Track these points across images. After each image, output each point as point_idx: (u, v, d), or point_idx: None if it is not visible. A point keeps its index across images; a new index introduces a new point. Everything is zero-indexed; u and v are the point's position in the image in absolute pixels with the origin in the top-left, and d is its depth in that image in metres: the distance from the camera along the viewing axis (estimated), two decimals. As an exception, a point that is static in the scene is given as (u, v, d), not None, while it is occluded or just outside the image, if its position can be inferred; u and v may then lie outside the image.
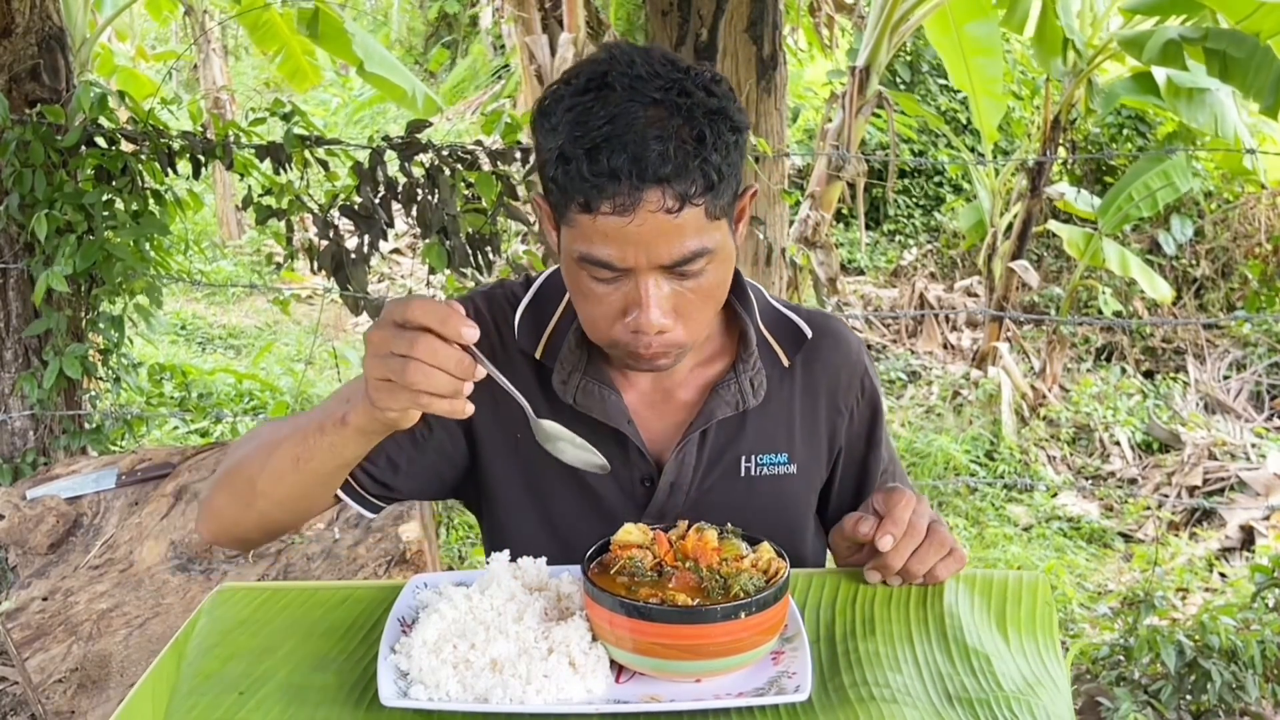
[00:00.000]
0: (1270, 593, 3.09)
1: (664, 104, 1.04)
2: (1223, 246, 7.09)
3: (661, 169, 1.03)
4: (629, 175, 1.03)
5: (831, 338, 1.32)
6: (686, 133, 1.04)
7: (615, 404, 1.25)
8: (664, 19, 3.40)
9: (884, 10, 5.52)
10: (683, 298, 1.11)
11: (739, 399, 1.26)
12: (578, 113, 1.05)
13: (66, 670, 2.20)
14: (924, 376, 6.36)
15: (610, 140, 1.03)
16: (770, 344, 1.30)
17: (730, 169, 1.08)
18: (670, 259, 1.07)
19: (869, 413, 1.34)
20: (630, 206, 1.04)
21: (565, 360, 1.25)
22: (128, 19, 8.86)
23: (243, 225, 8.74)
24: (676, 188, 1.04)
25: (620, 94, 1.05)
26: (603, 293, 1.11)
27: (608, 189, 1.04)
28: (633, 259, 1.07)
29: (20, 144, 3.06)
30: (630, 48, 1.10)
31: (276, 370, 6.15)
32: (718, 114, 1.06)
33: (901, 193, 8.20)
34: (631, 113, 1.04)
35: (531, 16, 7.08)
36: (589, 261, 1.09)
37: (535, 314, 1.29)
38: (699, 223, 1.07)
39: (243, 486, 1.19)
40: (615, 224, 1.05)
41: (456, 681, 0.95)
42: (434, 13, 12.23)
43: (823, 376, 1.31)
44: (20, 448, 3.36)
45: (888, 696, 0.96)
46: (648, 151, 1.02)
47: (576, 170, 1.04)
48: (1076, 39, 5.46)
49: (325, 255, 3.24)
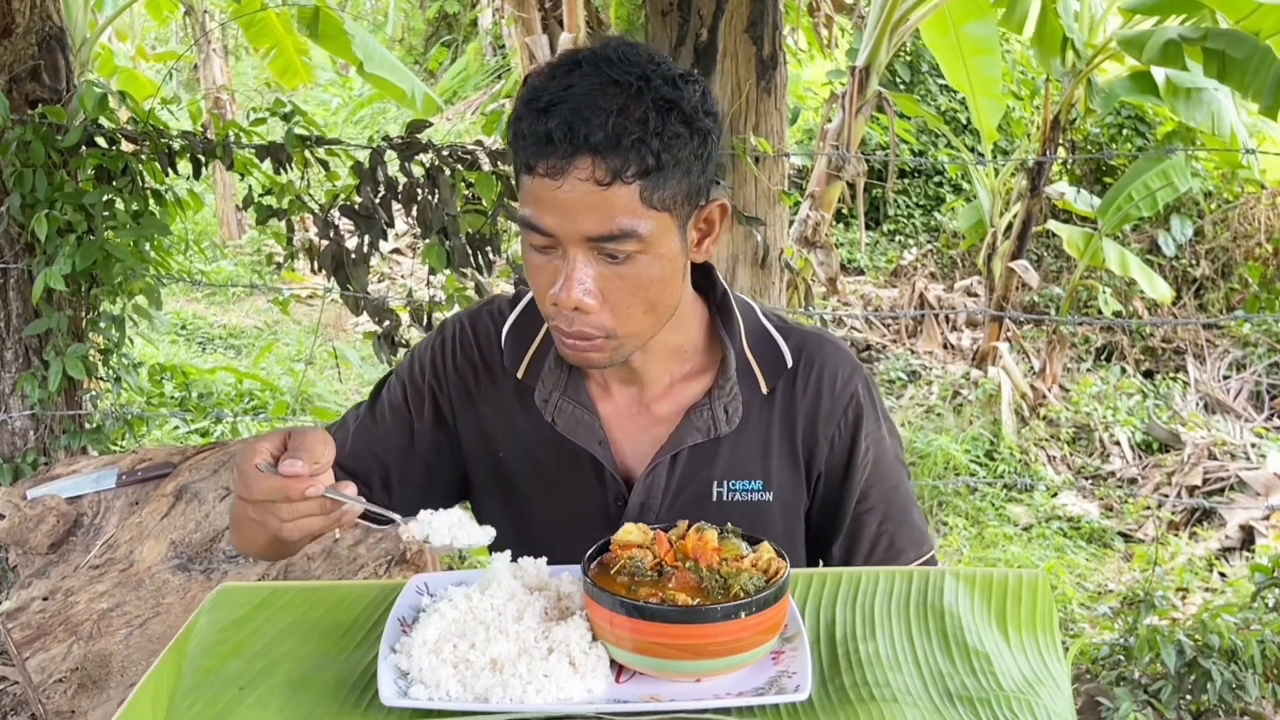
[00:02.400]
0: (1270, 592, 3.09)
1: (619, 84, 1.07)
2: (1222, 246, 7.09)
3: (593, 137, 1.04)
4: (562, 139, 1.05)
5: (818, 364, 1.29)
6: (632, 112, 1.06)
7: (589, 425, 1.26)
8: (664, 19, 3.40)
9: (883, 10, 5.52)
10: (610, 282, 1.12)
11: (711, 425, 1.25)
12: (542, 81, 1.09)
13: (67, 670, 2.20)
14: (924, 376, 6.36)
15: (555, 105, 1.06)
16: (752, 368, 1.28)
17: (675, 162, 1.08)
18: (594, 233, 1.08)
19: (849, 441, 1.30)
20: (561, 170, 1.06)
21: (546, 379, 1.27)
22: (128, 19, 8.85)
23: (243, 225, 8.74)
24: (608, 161, 1.05)
25: (584, 70, 1.08)
26: (539, 264, 1.13)
27: (543, 150, 1.06)
28: (559, 226, 1.09)
29: (20, 144, 3.06)
30: (621, 40, 1.12)
31: (277, 370, 6.16)
32: (670, 104, 1.08)
33: (901, 193, 8.20)
34: (585, 85, 1.06)
35: (531, 16, 7.09)
36: (525, 225, 1.12)
37: (520, 332, 1.31)
38: (631, 204, 1.08)
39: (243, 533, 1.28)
40: (547, 187, 1.07)
41: (456, 681, 0.95)
42: (433, 12, 12.23)
43: (802, 404, 1.28)
44: (20, 448, 3.36)
45: (888, 696, 0.96)
46: (585, 119, 1.05)
47: (522, 129, 1.08)
48: (1076, 39, 5.46)
49: (325, 255, 3.24)
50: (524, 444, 1.30)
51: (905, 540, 1.32)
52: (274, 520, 1.06)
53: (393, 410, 1.35)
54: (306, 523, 1.06)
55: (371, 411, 1.37)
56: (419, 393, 1.34)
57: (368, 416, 1.37)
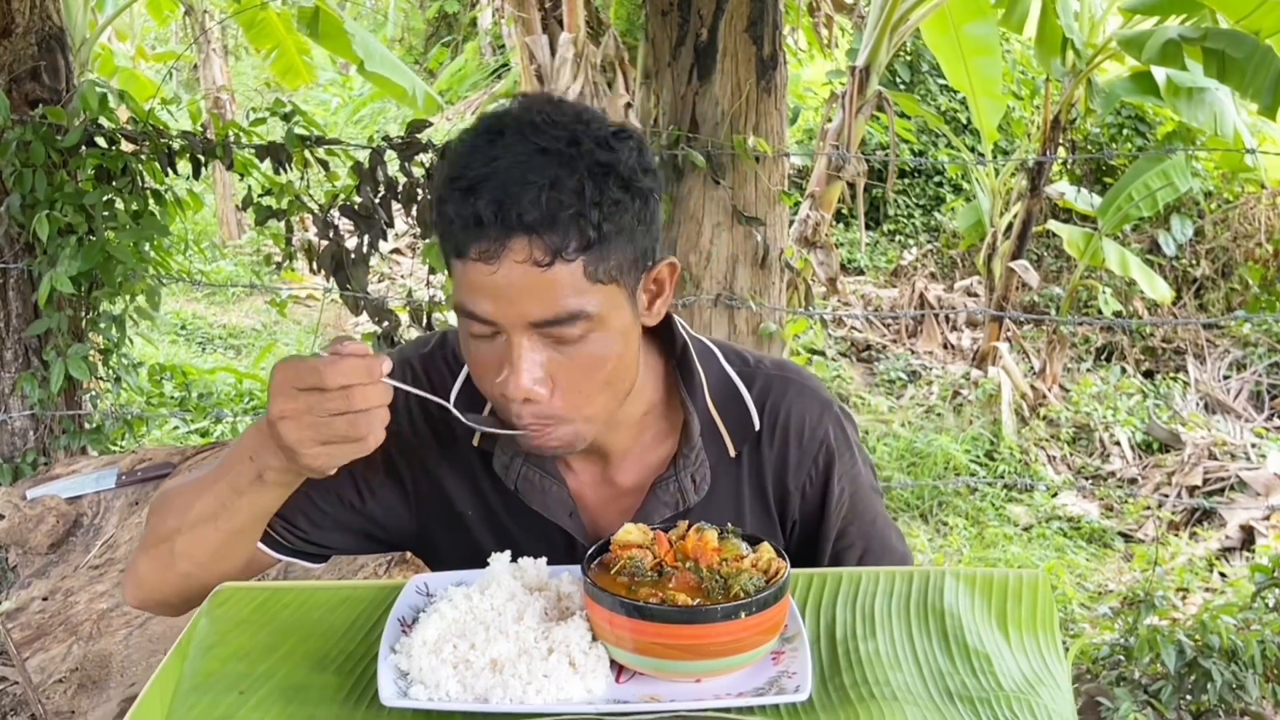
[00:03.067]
0: (1270, 592, 3.09)
1: (549, 152, 0.99)
2: (1223, 246, 7.09)
3: (527, 215, 0.97)
4: (494, 220, 0.97)
5: (783, 413, 1.21)
6: (565, 183, 0.98)
7: (557, 495, 1.19)
8: (664, 19, 3.40)
9: (884, 10, 5.52)
10: (561, 367, 1.04)
11: (679, 499, 1.18)
12: (462, 155, 1.01)
13: (67, 670, 2.20)
14: (924, 376, 6.36)
15: (482, 183, 0.98)
16: (718, 428, 1.20)
17: (617, 231, 1.01)
18: (539, 317, 1.00)
19: (821, 488, 1.24)
20: (495, 254, 0.98)
21: (505, 444, 1.16)
22: (128, 19, 8.84)
23: (243, 225, 8.73)
24: (546, 240, 0.98)
25: (509, 139, 1.00)
26: (482, 351, 1.05)
27: (474, 234, 0.98)
28: (500, 313, 1.01)
29: (20, 144, 3.06)
30: (544, 99, 1.05)
31: (276, 370, 6.14)
32: (605, 168, 1.00)
33: (901, 193, 8.20)
34: (512, 157, 0.99)
35: (531, 16, 7.08)
36: (463, 313, 1.04)
37: (472, 391, 1.17)
38: (576, 282, 1.00)
39: (163, 550, 1.16)
40: (482, 273, 0.99)
41: (456, 681, 0.95)
42: (433, 12, 12.23)
43: (770, 458, 1.22)
44: (20, 448, 3.36)
45: (888, 695, 0.96)
46: (516, 197, 0.97)
47: (449, 212, 1.00)
48: (1076, 39, 5.46)
49: (325, 255, 3.24)
50: (488, 507, 1.22)
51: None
52: (341, 423, 0.97)
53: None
54: (380, 414, 0.99)
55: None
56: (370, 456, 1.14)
57: None
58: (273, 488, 1.10)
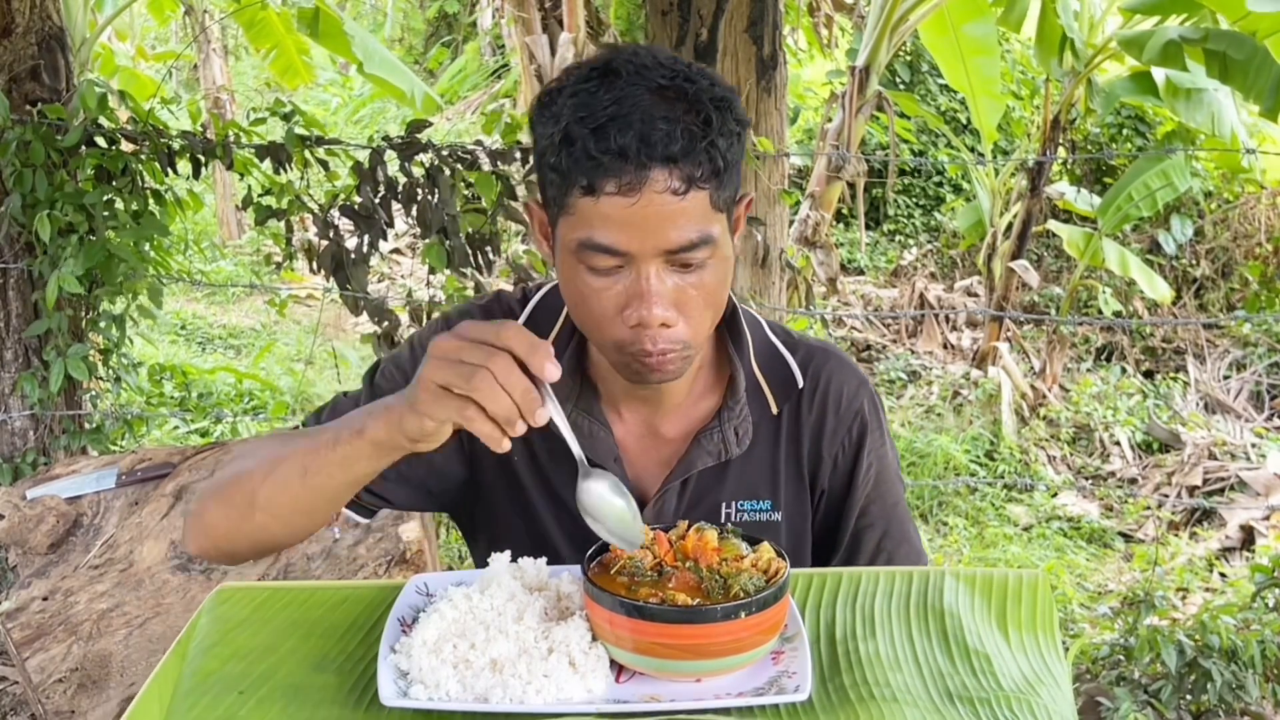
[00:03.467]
0: (1270, 593, 3.09)
1: (669, 89, 1.04)
2: (1223, 246, 7.09)
3: (669, 147, 1.01)
4: (636, 153, 1.01)
5: (824, 380, 1.27)
6: (693, 117, 1.03)
7: (604, 440, 1.22)
8: (664, 19, 3.40)
9: (883, 10, 5.52)
10: (685, 294, 1.08)
11: (721, 449, 1.23)
12: (583, 96, 1.04)
13: (66, 670, 2.20)
14: (924, 376, 6.36)
15: (617, 119, 1.01)
16: (761, 387, 1.26)
17: (734, 160, 1.07)
18: (674, 244, 1.04)
19: (852, 458, 1.28)
20: (636, 186, 1.02)
21: (557, 389, 1.20)
22: (128, 19, 8.84)
23: (243, 225, 8.73)
24: (683, 169, 1.02)
25: (625, 79, 1.04)
26: (601, 287, 1.08)
27: (613, 168, 1.02)
28: (636, 244, 1.04)
29: (20, 144, 3.06)
30: (633, 46, 1.10)
31: (276, 370, 6.16)
32: (723, 102, 1.06)
33: (901, 193, 8.21)
34: (637, 95, 1.02)
35: (531, 16, 7.09)
36: (589, 248, 1.06)
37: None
38: (704, 209, 1.05)
39: (242, 499, 1.15)
40: (619, 205, 1.03)
41: (456, 681, 0.95)
42: (433, 12, 12.23)
43: (808, 421, 1.27)
44: (20, 448, 3.36)
45: (888, 696, 0.96)
46: (655, 130, 1.01)
47: (582, 149, 1.02)
48: (1076, 39, 5.46)
49: (325, 255, 3.24)
50: (532, 452, 1.25)
51: (903, 559, 1.30)
52: (479, 376, 0.95)
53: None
54: (501, 395, 0.96)
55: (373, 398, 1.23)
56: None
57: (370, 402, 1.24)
58: (369, 446, 1.06)
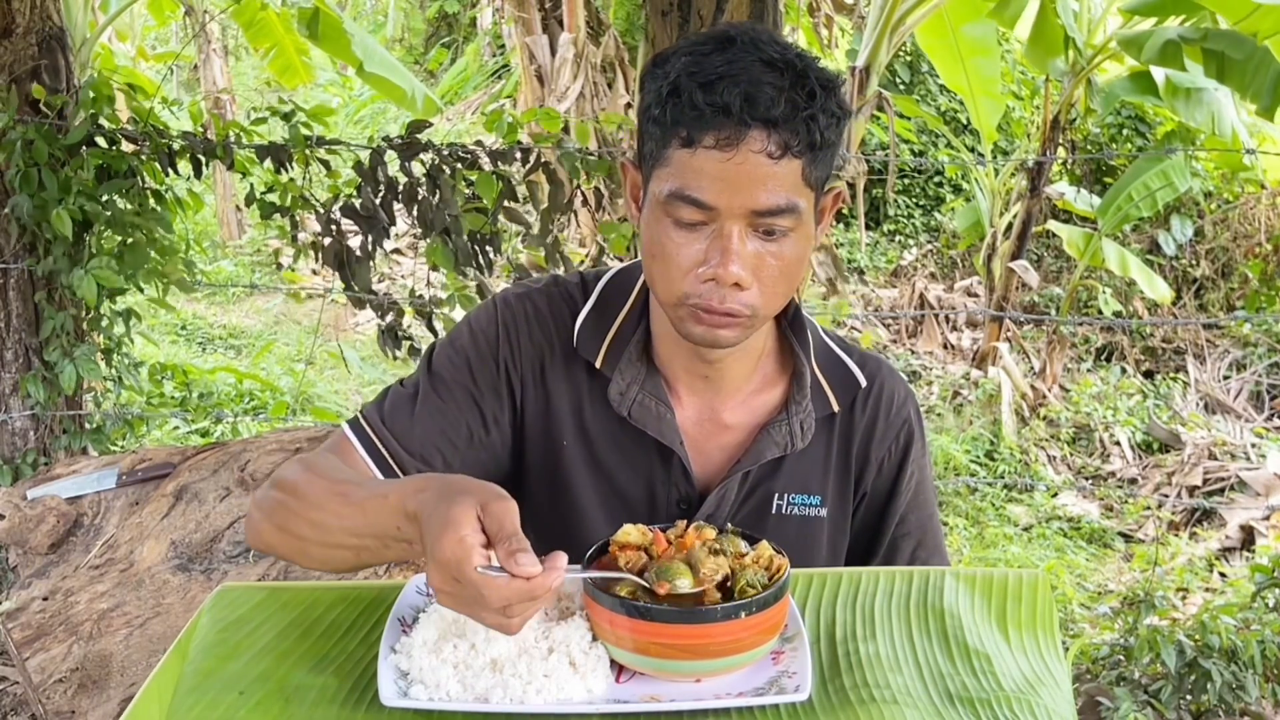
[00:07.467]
0: (1270, 593, 3.09)
1: (781, 62, 1.07)
2: (1223, 246, 7.10)
3: (771, 110, 1.04)
4: (740, 110, 1.04)
5: (878, 385, 1.30)
6: (798, 90, 1.06)
7: (670, 422, 1.23)
8: (664, 19, 3.39)
9: (883, 11, 5.52)
10: (763, 261, 1.10)
11: (788, 441, 1.24)
12: (696, 56, 1.08)
13: (67, 670, 2.20)
14: (924, 376, 6.36)
15: (725, 77, 1.05)
16: (822, 386, 1.28)
17: (831, 141, 1.09)
18: (762, 205, 1.06)
19: (897, 464, 1.31)
20: (734, 142, 1.04)
21: (624, 371, 1.23)
22: (128, 19, 8.84)
23: (243, 225, 8.74)
24: (781, 134, 1.05)
25: (739, 47, 1.07)
26: (683, 241, 1.10)
27: (714, 121, 1.05)
28: (725, 199, 1.06)
29: (24, 143, 3.06)
30: (751, 24, 1.13)
31: (277, 370, 6.16)
32: (829, 84, 1.08)
33: (901, 193, 8.21)
34: (748, 61, 1.06)
35: (531, 17, 7.09)
36: (679, 198, 1.08)
37: (597, 319, 1.26)
38: (795, 179, 1.07)
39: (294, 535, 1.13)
40: (714, 159, 1.05)
41: (456, 681, 0.95)
42: (433, 12, 12.23)
43: (861, 425, 1.29)
44: (20, 448, 3.36)
45: (888, 697, 0.96)
46: (761, 92, 1.04)
47: (687, 100, 1.05)
48: (1076, 39, 5.46)
49: (329, 253, 3.24)
50: (587, 438, 1.26)
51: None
52: (495, 618, 0.91)
53: (457, 385, 1.24)
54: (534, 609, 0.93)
55: (434, 386, 1.24)
56: (486, 364, 1.25)
57: (431, 392, 1.24)
58: (400, 548, 1.03)
